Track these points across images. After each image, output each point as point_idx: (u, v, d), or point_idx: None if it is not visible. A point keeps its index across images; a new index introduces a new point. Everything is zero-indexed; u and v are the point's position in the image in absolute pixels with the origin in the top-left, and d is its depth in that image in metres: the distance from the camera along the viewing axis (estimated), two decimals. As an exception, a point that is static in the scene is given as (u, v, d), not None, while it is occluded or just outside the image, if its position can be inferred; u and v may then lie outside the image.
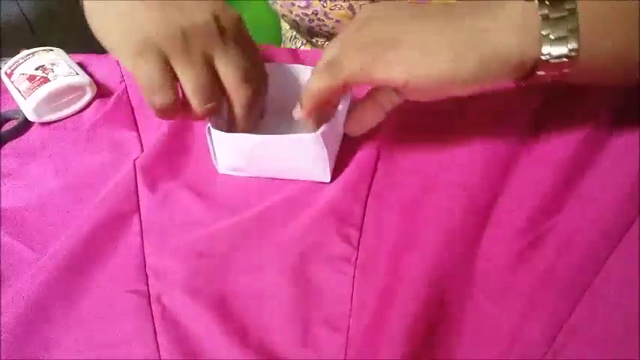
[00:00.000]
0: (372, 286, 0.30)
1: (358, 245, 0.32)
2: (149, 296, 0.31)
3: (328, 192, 0.36)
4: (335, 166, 0.36)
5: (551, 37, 0.27)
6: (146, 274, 0.32)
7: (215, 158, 0.37)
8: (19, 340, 0.29)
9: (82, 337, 0.29)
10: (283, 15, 0.57)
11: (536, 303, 0.28)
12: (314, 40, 0.58)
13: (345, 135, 0.38)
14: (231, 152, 0.36)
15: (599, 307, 0.27)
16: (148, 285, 0.32)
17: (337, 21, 0.52)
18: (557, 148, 0.36)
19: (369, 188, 0.35)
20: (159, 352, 0.28)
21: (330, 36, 0.55)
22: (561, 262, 0.29)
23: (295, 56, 0.49)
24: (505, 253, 0.31)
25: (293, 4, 0.53)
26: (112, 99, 0.46)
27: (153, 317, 0.30)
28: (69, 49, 0.57)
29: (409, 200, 0.34)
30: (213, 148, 0.37)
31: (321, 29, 0.54)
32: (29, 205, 0.38)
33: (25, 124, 0.46)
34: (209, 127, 0.35)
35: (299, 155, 0.34)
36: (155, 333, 0.29)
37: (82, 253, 0.33)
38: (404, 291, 0.29)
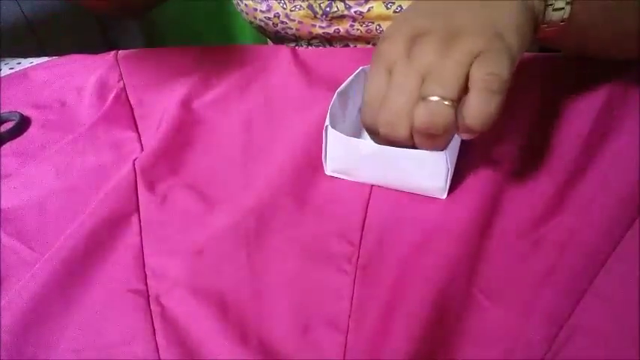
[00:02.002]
0: (372, 286, 0.30)
1: (359, 245, 0.32)
2: (148, 296, 0.31)
3: (328, 191, 0.36)
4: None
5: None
6: (145, 274, 0.32)
7: (325, 158, 0.36)
8: (18, 340, 0.29)
9: (81, 337, 0.29)
10: (250, 22, 0.57)
11: (536, 303, 0.28)
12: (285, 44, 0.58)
13: None
14: (345, 156, 0.35)
15: (599, 307, 0.27)
16: (147, 285, 0.32)
17: (300, 22, 0.52)
18: (557, 148, 0.36)
19: (371, 186, 0.35)
20: (158, 352, 0.28)
21: (297, 39, 0.56)
22: (562, 263, 0.29)
23: (295, 55, 0.49)
24: (506, 253, 0.31)
25: (255, 10, 0.54)
26: (111, 98, 0.46)
27: (152, 317, 0.30)
28: (68, 50, 0.57)
29: (411, 199, 0.34)
30: (326, 148, 0.36)
31: (286, 33, 0.54)
32: (29, 205, 0.38)
33: (23, 125, 0.46)
34: (327, 126, 0.34)
35: (418, 170, 0.33)
36: (154, 333, 0.29)
37: (82, 253, 0.33)
38: (406, 292, 0.29)
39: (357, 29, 0.51)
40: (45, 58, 0.56)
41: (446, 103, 0.27)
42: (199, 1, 1.19)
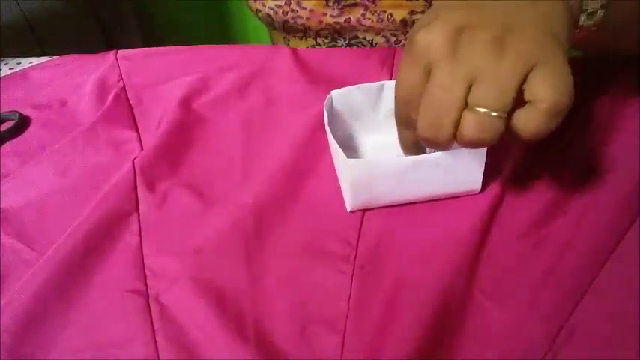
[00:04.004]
0: (370, 286, 0.30)
1: (357, 244, 0.32)
2: (147, 296, 0.31)
3: (326, 190, 0.36)
4: (331, 164, 0.36)
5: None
6: (144, 274, 0.32)
7: (346, 194, 0.34)
8: (18, 340, 0.29)
9: (81, 337, 0.29)
10: (257, 10, 0.56)
11: (536, 303, 0.28)
12: (290, 38, 0.58)
13: None
14: (369, 182, 0.32)
15: (599, 307, 0.27)
16: (146, 284, 0.32)
17: (311, 10, 0.52)
18: (557, 148, 0.36)
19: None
20: (157, 351, 0.28)
21: (305, 30, 0.55)
22: (562, 263, 0.29)
23: (295, 55, 0.49)
24: (507, 254, 0.31)
25: None
26: (111, 98, 0.46)
27: (151, 317, 0.30)
28: (68, 50, 0.57)
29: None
30: (347, 182, 0.32)
31: (295, 22, 0.54)
32: (29, 205, 0.38)
33: (23, 125, 0.46)
34: (344, 159, 0.31)
35: (455, 168, 0.31)
36: (154, 332, 0.29)
37: (81, 252, 0.33)
38: (405, 292, 0.29)
39: (369, 18, 0.51)
40: (45, 58, 0.56)
41: (495, 114, 0.25)
42: (199, 0, 1.19)
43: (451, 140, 0.27)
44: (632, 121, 0.37)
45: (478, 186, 0.33)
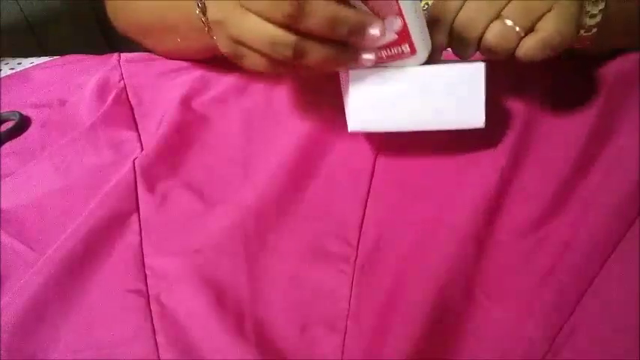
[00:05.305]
0: (371, 287, 0.30)
1: (357, 245, 0.32)
2: (148, 296, 0.31)
3: (327, 191, 0.36)
4: (332, 165, 0.36)
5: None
6: (145, 274, 0.32)
7: (348, 112, 0.34)
8: (18, 340, 0.29)
9: (81, 337, 0.29)
10: None
11: (536, 303, 0.28)
12: None
13: None
14: (372, 99, 0.32)
15: (599, 307, 0.27)
16: (146, 284, 0.32)
17: None
18: (557, 148, 0.36)
19: (369, 187, 0.35)
20: (158, 351, 0.28)
21: None
22: (562, 263, 0.29)
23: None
24: (507, 254, 0.31)
25: None
26: (111, 98, 0.46)
27: (152, 316, 0.30)
28: (68, 50, 0.57)
29: (410, 200, 0.34)
30: (350, 97, 0.33)
31: None
32: (29, 205, 0.38)
33: (23, 125, 0.46)
34: (349, 72, 0.32)
35: (454, 89, 0.32)
36: (154, 332, 0.29)
37: (81, 252, 0.33)
38: (405, 292, 0.29)
39: None
40: (45, 58, 0.56)
41: (517, 29, 0.30)
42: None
43: (477, 40, 0.32)
44: (632, 120, 0.37)
45: (481, 119, 0.32)
